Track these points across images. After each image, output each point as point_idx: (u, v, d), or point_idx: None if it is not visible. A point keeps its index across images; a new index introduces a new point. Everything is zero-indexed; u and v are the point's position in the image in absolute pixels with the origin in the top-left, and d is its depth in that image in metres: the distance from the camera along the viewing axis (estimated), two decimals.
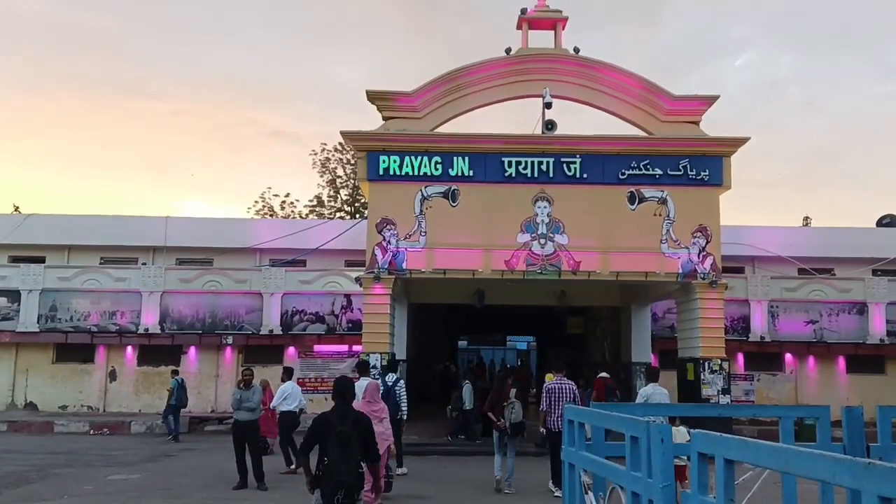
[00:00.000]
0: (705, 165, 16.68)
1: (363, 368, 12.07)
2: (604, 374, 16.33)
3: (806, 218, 36.66)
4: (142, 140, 62.24)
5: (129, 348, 21.91)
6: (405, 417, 12.36)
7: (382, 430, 9.02)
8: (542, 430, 11.84)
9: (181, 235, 23.72)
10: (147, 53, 63.13)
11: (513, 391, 12.18)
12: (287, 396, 13.20)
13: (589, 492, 4.47)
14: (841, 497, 4.03)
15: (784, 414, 4.90)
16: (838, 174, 65.83)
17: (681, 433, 5.14)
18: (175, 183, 65.44)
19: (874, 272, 22.81)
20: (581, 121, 51.39)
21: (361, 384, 10.36)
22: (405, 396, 12.22)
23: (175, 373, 18.99)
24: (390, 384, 12.15)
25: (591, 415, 4.74)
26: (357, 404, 8.21)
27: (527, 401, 18.29)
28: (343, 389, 6.66)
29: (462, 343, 36.89)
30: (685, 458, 4.91)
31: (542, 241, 16.47)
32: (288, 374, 13.94)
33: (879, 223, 26.08)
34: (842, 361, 21.70)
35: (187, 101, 61.71)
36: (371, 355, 16.05)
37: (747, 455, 2.83)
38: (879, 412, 5.02)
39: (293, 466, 12.67)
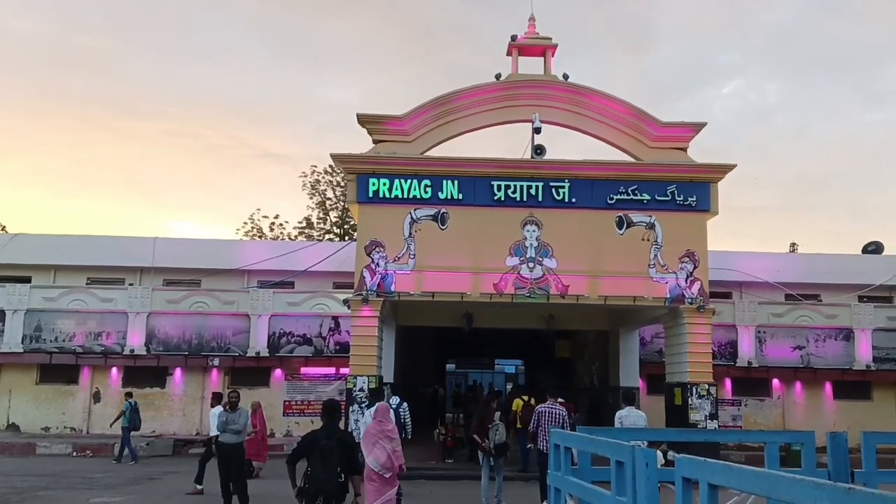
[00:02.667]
0: (693, 191, 16.81)
1: (375, 395, 12.46)
2: (560, 400, 16.27)
3: (793, 244, 36.91)
4: (132, 160, 62.25)
5: (114, 369, 21.72)
6: (409, 437, 12.42)
7: (394, 449, 9.51)
8: (529, 445, 12.66)
9: (169, 256, 23.64)
10: (139, 74, 63.32)
11: (497, 414, 12.60)
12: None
13: None
14: None
15: (769, 439, 4.91)
16: (825, 201, 66.50)
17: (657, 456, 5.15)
18: (164, 203, 65.33)
19: (860, 298, 22.95)
20: (570, 146, 51.83)
21: (372, 409, 10.78)
22: (409, 418, 12.36)
23: (129, 395, 18.88)
24: (394, 407, 12.12)
25: (577, 439, 4.74)
26: (369, 424, 9.56)
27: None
28: (331, 409, 7.61)
29: (450, 366, 36.76)
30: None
31: (531, 264, 16.52)
32: (217, 398, 14.12)
33: (865, 250, 26.27)
34: (828, 387, 21.76)
35: (179, 122, 61.85)
36: (358, 378, 16.01)
37: (731, 480, 2.84)
38: (864, 438, 5.04)
39: (199, 488, 12.94)
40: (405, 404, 12.45)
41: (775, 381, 21.66)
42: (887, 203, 63.58)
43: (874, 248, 26.11)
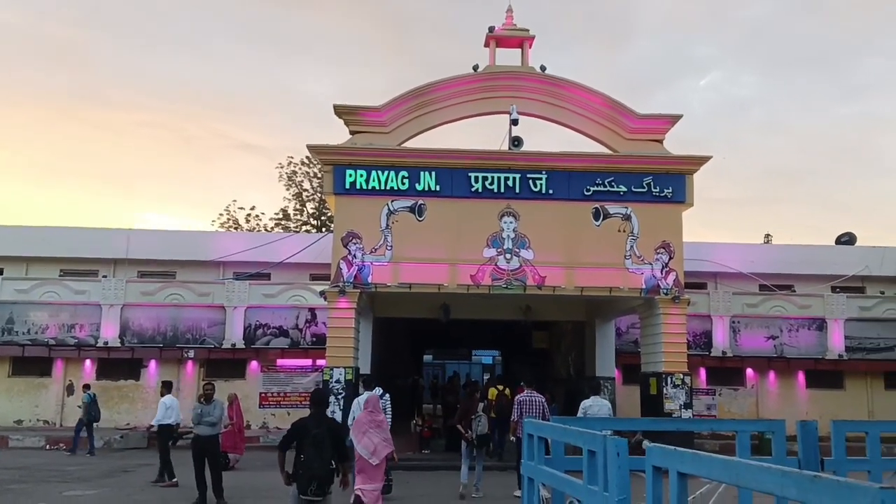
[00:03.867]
0: (668, 183, 16.92)
1: (367, 383, 12.64)
2: (522, 384, 16.47)
3: (767, 235, 37.25)
4: (106, 151, 61.41)
5: (88, 362, 21.48)
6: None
7: (386, 437, 10.25)
8: (512, 438, 12.67)
9: (143, 248, 23.38)
10: (114, 65, 62.46)
11: (480, 405, 12.90)
12: (168, 410, 13.23)
13: None
14: None
15: (740, 428, 4.96)
16: (799, 193, 67.27)
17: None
18: (139, 195, 64.60)
19: (833, 289, 23.27)
20: (547, 138, 51.94)
21: (362, 397, 11.60)
22: (390, 409, 12.59)
23: (87, 387, 18.72)
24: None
25: (550, 429, 4.75)
26: (360, 414, 10.45)
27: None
28: (319, 399, 8.12)
29: (427, 357, 36.77)
30: None
31: (508, 255, 16.54)
32: (167, 387, 14.18)
33: (838, 241, 26.60)
34: (801, 377, 22.06)
35: (153, 113, 61.09)
36: (335, 370, 15.97)
37: (700, 468, 2.86)
38: (833, 426, 5.11)
39: (174, 480, 12.89)
40: (387, 395, 12.63)
41: (749, 371, 21.92)
42: (860, 195, 64.48)
43: (847, 240, 26.45)
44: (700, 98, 70.55)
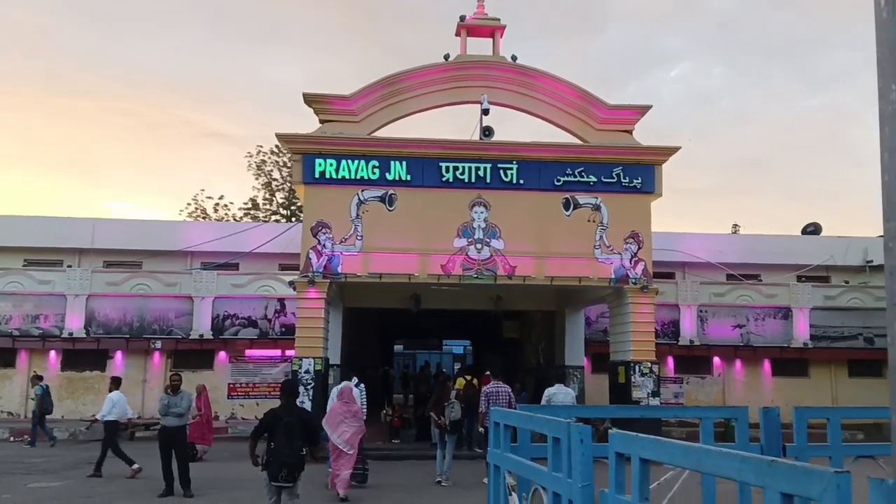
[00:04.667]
0: (638, 173, 17.02)
1: (345, 373, 13.01)
2: (487, 373, 16.64)
3: (735, 225, 37.73)
4: (71, 139, 60.30)
5: (53, 353, 21.13)
6: (364, 418, 12.82)
7: (359, 426, 11.03)
8: (481, 429, 12.88)
9: (109, 237, 23.03)
10: (78, 50, 61.25)
11: (453, 393, 13.44)
12: (114, 406, 13.23)
13: (513, 493, 4.47)
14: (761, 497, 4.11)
15: (704, 415, 5.01)
16: (766, 183, 68.13)
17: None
18: (104, 183, 63.56)
19: (799, 278, 23.63)
20: (518, 128, 51.98)
21: (337, 388, 12.02)
22: (365, 399, 12.66)
23: (39, 378, 18.44)
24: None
25: (516, 417, 4.75)
26: (334, 404, 11.35)
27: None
28: (290, 389, 8.48)
29: (398, 347, 36.73)
30: None
31: (479, 245, 16.54)
32: (116, 383, 14.12)
33: (804, 231, 27.01)
34: (767, 365, 22.41)
35: (120, 100, 60.09)
36: (304, 360, 15.88)
37: (662, 454, 2.87)
38: (795, 413, 5.17)
39: (134, 466, 12.93)
40: (362, 385, 12.77)
41: (716, 359, 22.21)
42: (826, 185, 65.55)
43: (813, 230, 26.87)
44: (670, 89, 71.21)
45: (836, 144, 66.81)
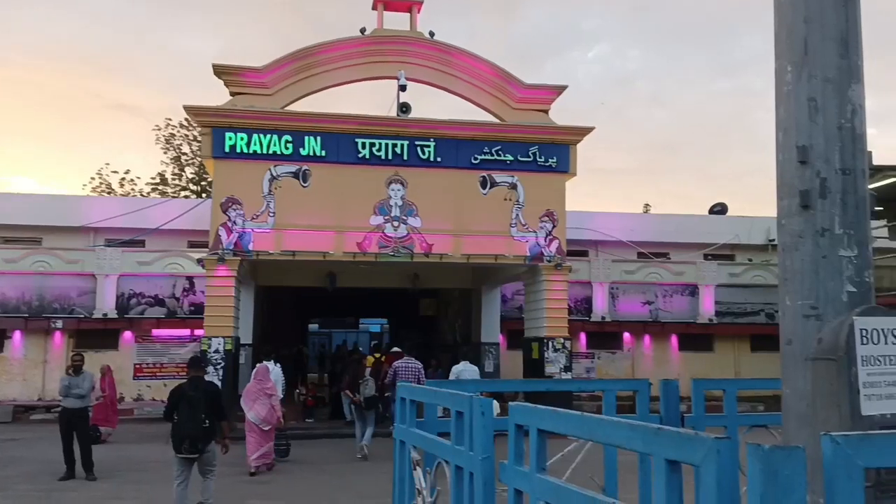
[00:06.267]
0: (553, 153, 17.22)
1: (267, 354, 13.31)
2: (396, 349, 16.95)
3: (646, 205, 38.83)
4: None
5: None
6: (282, 396, 13.16)
7: (274, 406, 11.73)
8: (387, 393, 13.63)
9: (7, 213, 21.75)
10: None
11: (367, 370, 13.91)
12: None
13: (417, 468, 4.44)
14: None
15: (606, 387, 5.08)
16: (677, 164, 70.27)
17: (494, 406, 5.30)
18: (3, 157, 60.17)
19: (705, 256, 24.47)
20: (438, 105, 51.90)
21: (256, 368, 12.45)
22: (283, 379, 13.28)
23: None
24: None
25: (422, 392, 4.72)
26: (249, 384, 12.04)
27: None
28: (195, 363, 9.02)
29: (313, 326, 36.29)
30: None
31: (395, 223, 16.45)
32: None
33: (711, 211, 27.98)
34: (674, 339, 23.17)
35: (20, 69, 56.81)
36: (213, 339, 15.51)
37: (558, 425, 2.87)
38: (693, 385, 5.30)
39: None
40: (277, 367, 13.03)
41: (626, 335, 22.83)
42: (733, 167, 68.12)
43: (719, 210, 27.86)
44: (587, 70, 72.35)
45: (744, 127, 69.55)
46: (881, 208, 21.10)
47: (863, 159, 3.34)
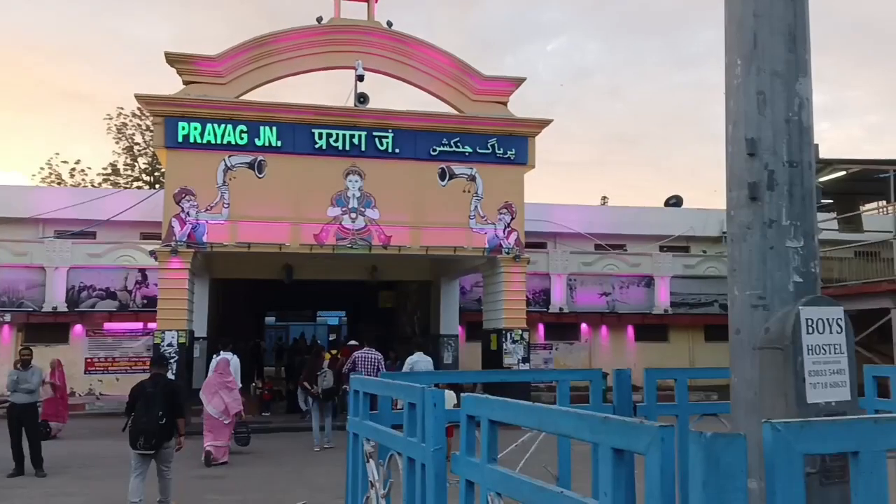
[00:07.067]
0: (512, 145, 17.27)
1: (224, 345, 13.32)
2: (353, 342, 17.01)
3: (604, 197, 39.23)
4: None
5: None
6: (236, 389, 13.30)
7: (235, 398, 12.01)
8: (344, 386, 13.42)
9: None
10: None
11: (325, 362, 13.98)
12: None
13: (370, 460, 4.41)
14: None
15: (560, 378, 5.11)
16: (634, 157, 71.16)
17: (450, 397, 5.28)
18: None
19: (661, 248, 24.80)
20: (397, 97, 51.65)
21: (214, 361, 12.66)
22: (239, 371, 13.23)
23: None
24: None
25: (375, 384, 4.68)
26: (210, 376, 12.25)
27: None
28: (157, 361, 9.34)
29: (270, 319, 35.95)
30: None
31: (353, 215, 16.33)
32: None
33: (667, 203, 28.33)
34: (631, 330, 23.48)
35: None
36: (167, 333, 15.24)
37: (508, 415, 2.86)
38: (646, 374, 5.35)
39: None
40: (235, 358, 13.04)
41: (584, 326, 23.06)
42: (688, 160, 69.23)
43: (675, 202, 28.23)
44: (546, 63, 72.76)
45: (699, 119, 70.64)
46: (831, 201, 21.76)
47: (809, 152, 3.39)
